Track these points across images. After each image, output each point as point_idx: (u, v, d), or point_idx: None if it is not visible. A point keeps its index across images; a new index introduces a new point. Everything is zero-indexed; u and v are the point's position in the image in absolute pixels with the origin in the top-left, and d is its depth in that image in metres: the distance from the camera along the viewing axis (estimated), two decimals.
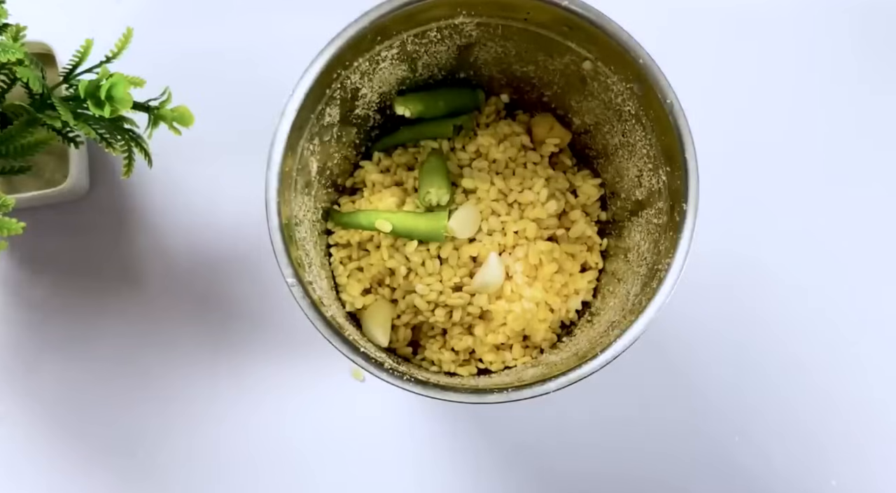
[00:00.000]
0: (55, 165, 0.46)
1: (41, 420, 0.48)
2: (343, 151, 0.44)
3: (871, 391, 0.49)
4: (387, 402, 0.48)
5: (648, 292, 0.36)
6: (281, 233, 0.35)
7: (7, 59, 0.35)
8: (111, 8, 0.51)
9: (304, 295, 0.35)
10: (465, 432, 0.49)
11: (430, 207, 0.42)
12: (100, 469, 0.48)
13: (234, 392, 0.48)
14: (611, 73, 0.38)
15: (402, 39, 0.39)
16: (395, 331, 0.43)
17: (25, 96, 0.39)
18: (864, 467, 0.49)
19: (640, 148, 0.39)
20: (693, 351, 0.49)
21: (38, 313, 0.49)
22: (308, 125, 0.38)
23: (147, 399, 0.48)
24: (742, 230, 0.50)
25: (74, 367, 0.48)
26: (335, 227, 0.44)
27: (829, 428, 0.49)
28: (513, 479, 0.48)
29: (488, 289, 0.41)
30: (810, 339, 0.49)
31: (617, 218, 0.44)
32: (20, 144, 0.39)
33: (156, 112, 0.40)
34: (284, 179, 0.36)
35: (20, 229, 0.35)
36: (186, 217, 0.49)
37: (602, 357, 0.35)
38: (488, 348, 0.43)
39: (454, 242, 0.42)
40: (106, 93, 0.37)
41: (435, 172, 0.43)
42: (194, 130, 0.40)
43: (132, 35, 0.39)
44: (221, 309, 0.49)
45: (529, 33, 0.39)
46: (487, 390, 0.34)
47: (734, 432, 0.49)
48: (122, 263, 0.49)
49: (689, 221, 0.35)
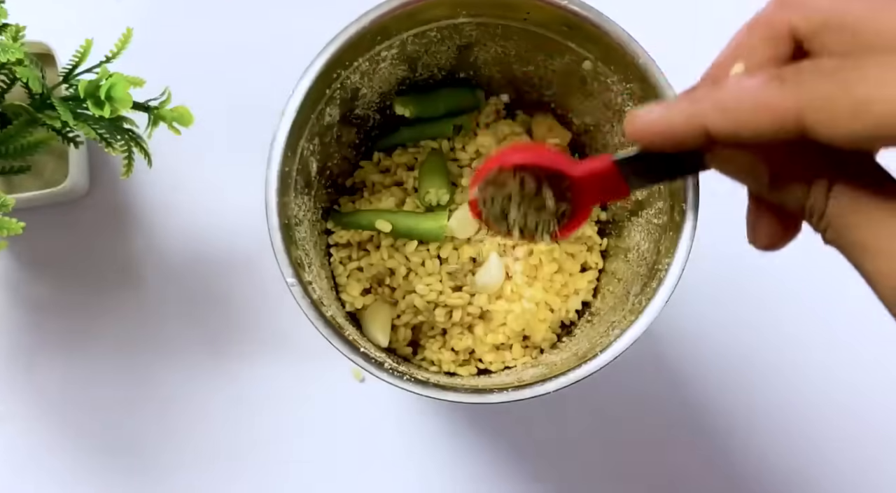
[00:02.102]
0: (55, 165, 0.46)
1: (41, 420, 0.48)
2: (343, 151, 0.44)
3: (871, 391, 0.49)
4: (387, 402, 0.48)
5: (648, 292, 0.36)
6: (281, 233, 0.35)
7: (7, 59, 0.35)
8: (111, 8, 0.51)
9: (304, 295, 0.35)
10: (465, 432, 0.48)
11: (430, 207, 0.42)
12: (100, 469, 0.48)
13: (233, 392, 0.48)
14: (611, 73, 0.38)
15: (402, 39, 0.39)
16: (395, 331, 0.43)
17: (25, 96, 0.39)
18: (865, 467, 0.49)
19: None
20: (693, 351, 0.49)
21: (37, 313, 0.49)
22: (308, 125, 0.38)
23: (147, 399, 0.48)
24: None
25: (74, 367, 0.48)
26: (335, 227, 0.44)
27: (829, 428, 0.49)
28: (513, 479, 0.48)
29: (488, 289, 0.41)
30: (810, 338, 0.49)
31: (617, 218, 0.44)
32: (20, 144, 0.39)
33: (156, 112, 0.40)
34: (284, 179, 0.36)
35: (20, 229, 0.35)
36: (186, 217, 0.49)
37: (602, 357, 0.35)
38: (488, 348, 0.43)
39: (454, 242, 0.42)
40: (106, 93, 0.37)
41: (435, 172, 0.43)
42: (194, 130, 0.40)
43: (132, 35, 0.39)
44: (221, 309, 0.49)
45: (529, 33, 0.39)
46: (487, 390, 0.34)
47: (734, 432, 0.49)
48: (121, 262, 0.49)
49: (689, 221, 0.35)
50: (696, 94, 0.24)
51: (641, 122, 0.25)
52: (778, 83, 0.21)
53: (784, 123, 0.21)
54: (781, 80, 0.21)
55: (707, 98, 0.23)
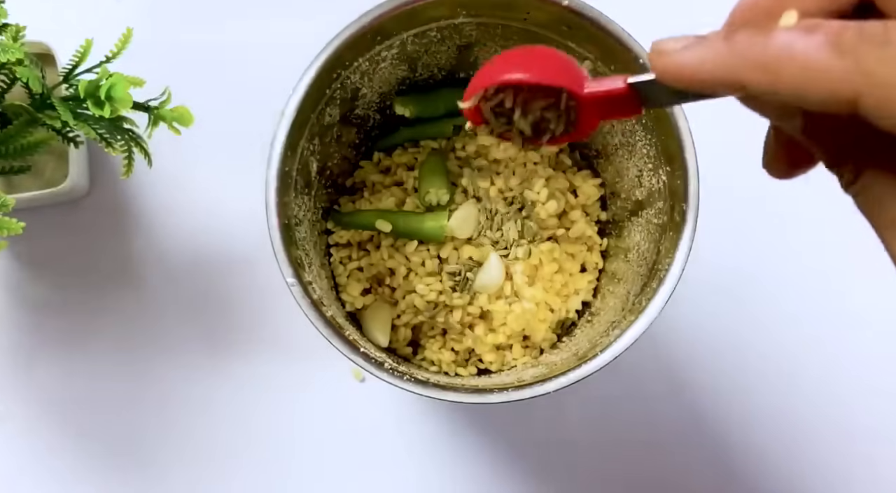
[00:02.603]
0: (55, 165, 0.46)
1: (41, 419, 0.48)
2: (343, 151, 0.44)
3: (871, 390, 0.49)
4: (387, 402, 0.48)
5: (648, 292, 0.36)
6: (281, 233, 0.35)
7: (7, 59, 0.35)
8: (111, 8, 0.51)
9: (304, 295, 0.35)
10: (465, 432, 0.48)
11: (430, 207, 0.42)
12: (100, 469, 0.48)
13: (233, 392, 0.48)
14: (611, 72, 0.38)
15: (402, 39, 0.39)
16: (395, 331, 0.43)
17: (25, 96, 0.39)
18: (865, 467, 0.49)
19: (640, 148, 0.39)
20: (693, 351, 0.49)
21: (37, 313, 0.49)
22: (308, 125, 0.38)
23: (147, 399, 0.48)
24: (742, 230, 0.50)
25: (74, 366, 0.48)
26: (335, 227, 0.44)
27: (828, 427, 0.49)
28: (513, 479, 0.48)
29: (488, 289, 0.41)
30: (811, 339, 0.49)
31: (617, 218, 0.44)
32: (20, 144, 0.39)
33: (156, 112, 0.40)
34: (284, 179, 0.36)
35: (20, 229, 0.35)
36: (186, 217, 0.49)
37: (602, 357, 0.35)
38: (488, 348, 0.43)
39: (454, 242, 0.42)
40: (106, 93, 0.37)
41: (435, 172, 0.43)
42: (194, 130, 0.40)
43: (132, 35, 0.39)
44: (221, 309, 0.49)
45: (529, 33, 0.39)
46: (487, 390, 0.34)
47: (734, 431, 0.49)
48: (121, 262, 0.49)
49: (690, 221, 0.35)
50: (736, 39, 0.20)
51: (672, 62, 0.22)
52: (836, 53, 0.18)
53: (836, 100, 0.19)
54: (841, 49, 0.18)
55: (750, 50, 0.20)
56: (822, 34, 0.19)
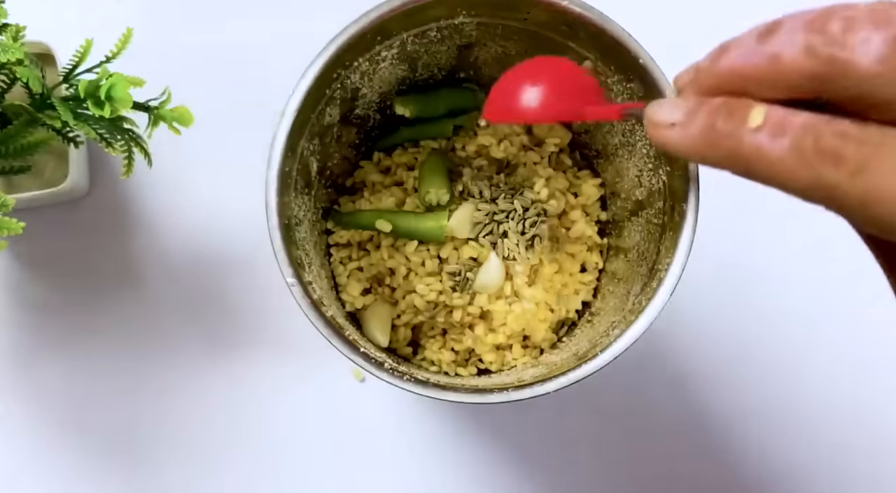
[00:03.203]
0: (55, 165, 0.46)
1: (41, 419, 0.48)
2: (343, 151, 0.44)
3: (871, 389, 0.49)
4: (387, 402, 0.48)
5: (648, 292, 0.36)
6: (281, 233, 0.35)
7: (7, 59, 0.35)
8: (111, 8, 0.51)
9: (304, 295, 0.35)
10: (465, 432, 0.49)
11: (430, 207, 0.42)
12: (100, 468, 0.48)
13: (233, 392, 0.48)
14: (611, 72, 0.38)
15: (402, 39, 0.39)
16: (395, 331, 0.43)
17: (25, 96, 0.39)
18: (864, 467, 0.49)
19: (640, 148, 0.39)
20: (693, 351, 0.49)
21: (37, 313, 0.49)
22: (308, 125, 0.38)
23: (147, 399, 0.48)
24: (742, 230, 0.50)
25: (74, 366, 0.48)
26: (335, 227, 0.44)
27: (829, 426, 0.49)
28: (513, 479, 0.48)
29: (488, 289, 0.41)
30: (811, 339, 0.49)
31: (617, 218, 0.44)
32: (20, 144, 0.39)
33: (156, 112, 0.40)
34: (284, 179, 0.36)
35: (20, 229, 0.35)
36: (186, 217, 0.49)
37: (602, 357, 0.35)
38: (488, 348, 0.43)
39: (454, 242, 0.42)
40: (106, 93, 0.37)
41: (435, 172, 0.43)
42: (194, 130, 0.40)
43: (132, 35, 0.39)
44: (221, 309, 0.49)
45: (529, 33, 0.39)
46: (487, 390, 0.34)
47: (734, 431, 0.49)
48: (121, 262, 0.49)
49: (689, 222, 0.35)
50: (717, 128, 0.23)
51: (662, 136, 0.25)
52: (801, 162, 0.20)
53: (809, 199, 0.21)
54: (805, 161, 0.20)
55: (727, 142, 0.22)
56: (789, 139, 0.21)
